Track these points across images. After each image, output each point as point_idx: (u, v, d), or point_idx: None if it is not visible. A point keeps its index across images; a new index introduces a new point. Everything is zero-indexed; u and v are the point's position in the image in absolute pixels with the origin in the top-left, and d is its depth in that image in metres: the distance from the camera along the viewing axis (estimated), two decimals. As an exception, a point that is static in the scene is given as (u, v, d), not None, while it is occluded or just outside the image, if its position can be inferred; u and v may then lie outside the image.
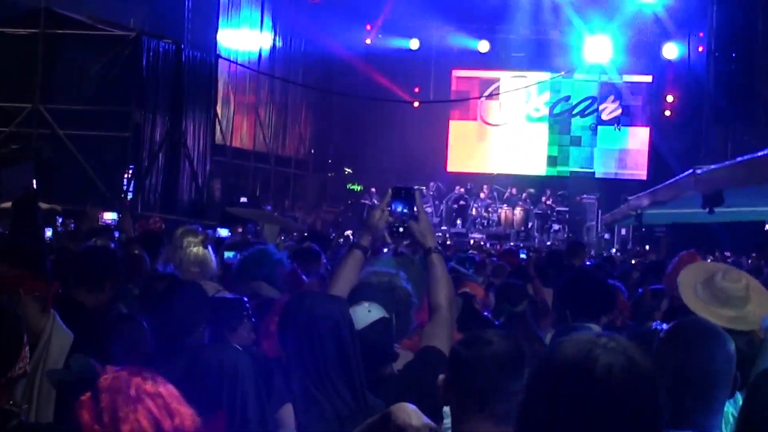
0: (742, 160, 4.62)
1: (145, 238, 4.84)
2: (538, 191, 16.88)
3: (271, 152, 15.68)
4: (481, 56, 18.12)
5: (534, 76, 18.25)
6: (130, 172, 11.22)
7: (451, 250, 7.83)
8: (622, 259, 9.33)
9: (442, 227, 15.95)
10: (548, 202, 16.54)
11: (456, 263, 4.96)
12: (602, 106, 18.33)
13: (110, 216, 8.04)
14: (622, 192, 13.29)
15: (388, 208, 2.30)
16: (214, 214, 11.21)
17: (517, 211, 16.37)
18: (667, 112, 17.47)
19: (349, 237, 10.94)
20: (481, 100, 18.50)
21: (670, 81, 17.34)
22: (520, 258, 6.48)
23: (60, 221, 7.74)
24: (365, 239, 2.35)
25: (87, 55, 10.88)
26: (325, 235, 8.65)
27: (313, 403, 1.87)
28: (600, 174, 18.11)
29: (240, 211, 10.39)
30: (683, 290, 2.61)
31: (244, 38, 14.66)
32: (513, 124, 18.61)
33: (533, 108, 18.62)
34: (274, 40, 15.82)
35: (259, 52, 15.23)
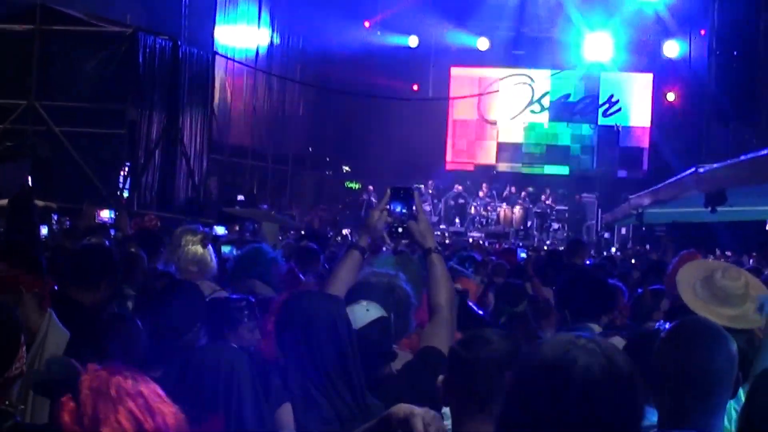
0: (745, 159, 4.61)
1: (142, 237, 4.82)
2: (538, 190, 16.86)
3: (268, 150, 15.63)
4: (481, 54, 18.10)
5: (533, 73, 18.23)
6: (126, 169, 11.17)
7: (449, 249, 7.81)
8: (622, 258, 9.30)
9: (441, 226, 15.91)
10: (547, 201, 16.50)
11: (457, 262, 4.95)
12: (602, 105, 18.30)
13: (107, 214, 8.01)
14: (622, 191, 13.28)
15: (387, 208, 2.28)
16: (211, 212, 11.18)
17: (517, 209, 16.33)
18: (668, 111, 17.43)
19: (347, 236, 10.92)
20: (480, 98, 18.47)
21: (671, 79, 17.31)
22: (519, 257, 6.47)
23: (55, 219, 7.71)
24: (363, 239, 2.34)
25: (83, 52, 10.82)
26: (323, 234, 8.63)
27: (312, 404, 1.86)
28: (600, 173, 18.08)
29: (237, 211, 10.37)
30: (682, 289, 2.60)
31: (242, 34, 14.62)
32: (512, 122, 18.58)
33: (533, 106, 18.58)
34: (272, 36, 15.77)
35: (257, 49, 15.19)
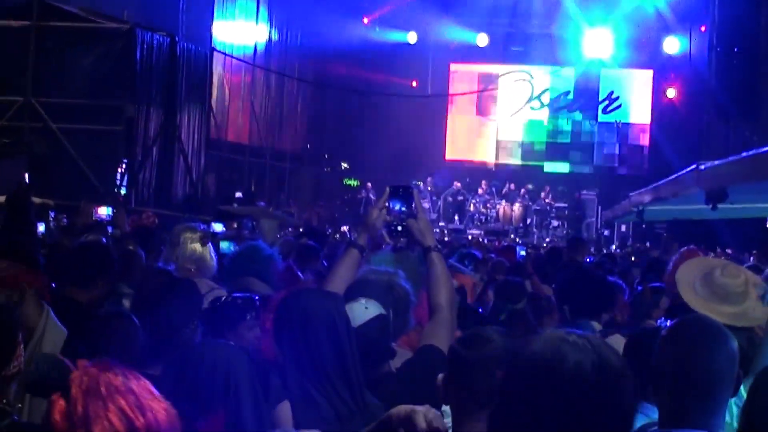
0: (747, 155, 4.60)
1: (139, 234, 4.80)
2: (537, 187, 16.83)
3: (267, 147, 15.60)
4: (480, 50, 18.06)
5: (533, 70, 18.19)
6: (124, 166, 11.14)
7: (448, 246, 7.80)
8: (622, 255, 9.29)
9: (440, 223, 15.88)
10: (547, 198, 16.47)
11: (457, 259, 4.94)
12: (602, 101, 18.27)
13: (104, 211, 7.99)
14: (622, 188, 13.27)
15: (386, 207, 2.28)
16: (209, 209, 11.15)
17: (516, 207, 16.31)
18: (668, 108, 17.40)
19: (346, 233, 10.89)
20: (480, 95, 18.44)
21: (671, 76, 17.28)
22: (519, 255, 6.46)
23: (53, 216, 7.70)
24: (362, 238, 2.34)
25: (80, 48, 10.78)
26: (322, 231, 8.61)
27: (311, 402, 1.85)
28: (599, 170, 18.06)
29: (235, 209, 10.34)
30: (682, 288, 2.59)
31: (240, 30, 14.57)
32: (511, 118, 18.55)
33: (532, 103, 18.56)
34: (270, 32, 15.72)
35: (255, 45, 15.14)
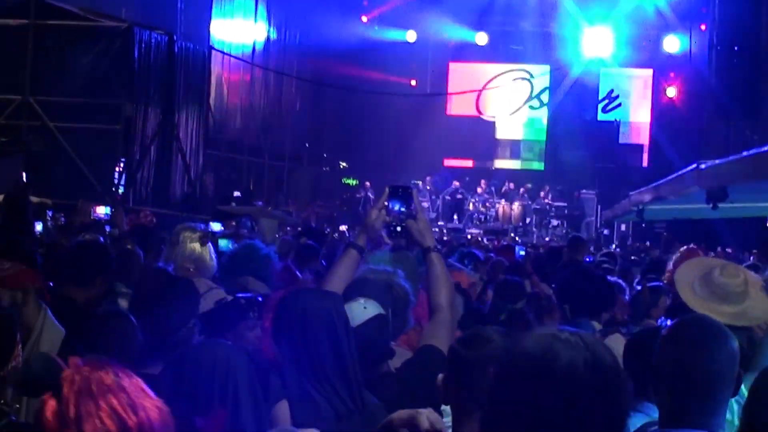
0: (748, 155, 4.59)
1: (137, 233, 4.79)
2: (537, 186, 16.82)
3: (265, 146, 15.58)
4: (479, 49, 18.05)
5: (533, 69, 18.18)
6: (122, 165, 11.13)
7: (447, 246, 7.79)
8: (622, 255, 9.28)
9: (439, 222, 15.87)
10: (546, 198, 16.46)
11: (457, 259, 4.94)
12: (602, 100, 18.27)
13: (102, 210, 7.98)
14: (622, 187, 13.24)
15: (386, 207, 2.27)
16: (207, 209, 11.14)
17: (515, 206, 16.30)
18: (668, 107, 17.39)
19: (344, 232, 10.87)
20: (479, 94, 18.43)
21: (672, 75, 17.27)
22: (518, 255, 6.45)
23: (50, 215, 7.68)
24: (361, 238, 2.33)
25: (78, 47, 10.77)
26: (320, 231, 8.60)
27: (310, 402, 1.84)
28: (599, 169, 18.05)
29: (233, 208, 10.32)
30: (681, 288, 2.59)
31: (238, 29, 14.55)
32: (511, 117, 18.55)
33: (532, 101, 18.55)
34: (269, 31, 15.70)
35: (253, 44, 15.12)
